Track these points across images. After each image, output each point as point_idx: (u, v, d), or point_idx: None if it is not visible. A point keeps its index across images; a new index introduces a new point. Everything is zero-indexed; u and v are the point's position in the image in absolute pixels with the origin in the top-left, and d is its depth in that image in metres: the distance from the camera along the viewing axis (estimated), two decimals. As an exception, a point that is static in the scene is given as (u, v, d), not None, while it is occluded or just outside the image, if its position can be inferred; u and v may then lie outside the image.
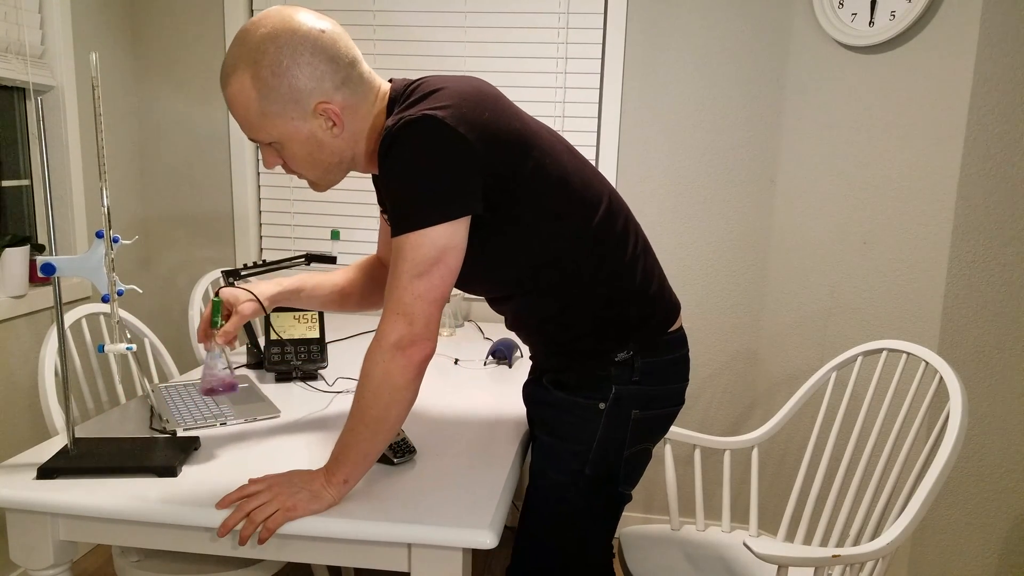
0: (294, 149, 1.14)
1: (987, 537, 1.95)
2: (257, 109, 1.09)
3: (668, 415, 1.32)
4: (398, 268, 1.06)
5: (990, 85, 1.78)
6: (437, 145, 1.03)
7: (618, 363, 1.23)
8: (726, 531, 1.72)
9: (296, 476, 1.11)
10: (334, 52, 1.10)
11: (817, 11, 2.14)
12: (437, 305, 1.07)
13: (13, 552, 1.18)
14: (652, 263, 1.28)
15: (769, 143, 2.37)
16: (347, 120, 1.14)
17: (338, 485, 1.10)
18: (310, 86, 1.09)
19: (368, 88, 1.16)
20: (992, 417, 1.89)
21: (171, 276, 2.73)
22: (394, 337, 1.06)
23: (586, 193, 1.19)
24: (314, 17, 1.11)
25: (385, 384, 1.07)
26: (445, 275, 1.07)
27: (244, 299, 1.32)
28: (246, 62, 1.08)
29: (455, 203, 1.06)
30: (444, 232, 1.05)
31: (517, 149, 1.11)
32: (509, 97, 2.47)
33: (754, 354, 2.49)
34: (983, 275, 1.85)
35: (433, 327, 1.08)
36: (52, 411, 1.55)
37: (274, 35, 1.07)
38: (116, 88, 2.53)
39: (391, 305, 1.07)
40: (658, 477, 2.60)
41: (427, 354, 1.08)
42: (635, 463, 1.30)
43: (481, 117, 1.07)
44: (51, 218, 1.19)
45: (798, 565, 1.22)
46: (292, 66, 1.07)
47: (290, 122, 1.11)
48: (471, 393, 1.70)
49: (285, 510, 1.06)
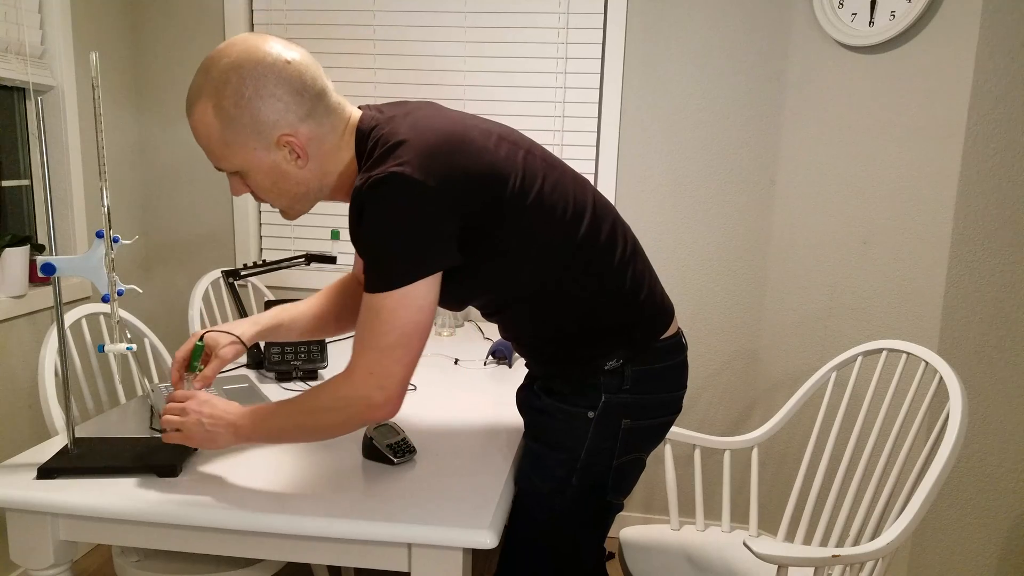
0: (258, 179, 1.14)
1: (987, 537, 1.95)
2: (219, 139, 1.09)
3: (662, 424, 1.29)
4: (376, 328, 1.07)
5: (990, 85, 1.78)
6: (407, 202, 1.03)
7: (608, 371, 1.21)
8: (726, 531, 1.72)
9: (217, 414, 1.15)
10: (299, 84, 1.08)
11: (817, 11, 2.14)
12: (412, 368, 1.10)
13: (13, 552, 1.18)
14: (642, 267, 1.25)
15: (769, 143, 2.37)
16: (312, 152, 1.13)
17: (237, 437, 1.15)
18: (273, 118, 1.08)
19: (337, 119, 1.14)
20: (992, 417, 1.89)
21: (171, 276, 2.73)
22: (368, 398, 1.08)
23: (569, 208, 1.17)
24: (281, 46, 1.09)
25: (336, 425, 1.11)
26: (423, 337, 1.09)
27: (225, 343, 1.32)
28: (208, 92, 1.07)
29: (430, 259, 1.06)
30: (421, 291, 1.06)
31: (490, 186, 1.09)
32: (508, 98, 2.47)
33: (754, 354, 2.49)
34: (983, 275, 1.85)
35: (404, 389, 1.11)
36: (52, 411, 1.54)
37: (238, 65, 1.06)
38: (116, 88, 2.53)
39: (365, 363, 1.08)
40: (658, 477, 2.60)
41: (390, 415, 1.11)
42: (625, 473, 1.27)
43: (448, 164, 1.06)
44: (51, 218, 1.19)
45: (798, 565, 1.22)
46: (255, 97, 1.06)
47: (253, 152, 1.10)
48: (471, 393, 1.70)
49: (186, 437, 1.17)
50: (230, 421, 1.15)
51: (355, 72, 2.53)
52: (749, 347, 2.49)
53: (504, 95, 2.48)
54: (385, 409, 1.09)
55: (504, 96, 2.48)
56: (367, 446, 1.31)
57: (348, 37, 2.51)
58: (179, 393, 1.19)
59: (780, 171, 2.37)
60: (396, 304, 1.05)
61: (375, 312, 1.06)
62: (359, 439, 1.40)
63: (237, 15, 2.53)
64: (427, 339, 1.11)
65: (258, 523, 1.09)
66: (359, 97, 2.54)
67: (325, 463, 1.28)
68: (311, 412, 1.11)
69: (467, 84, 2.48)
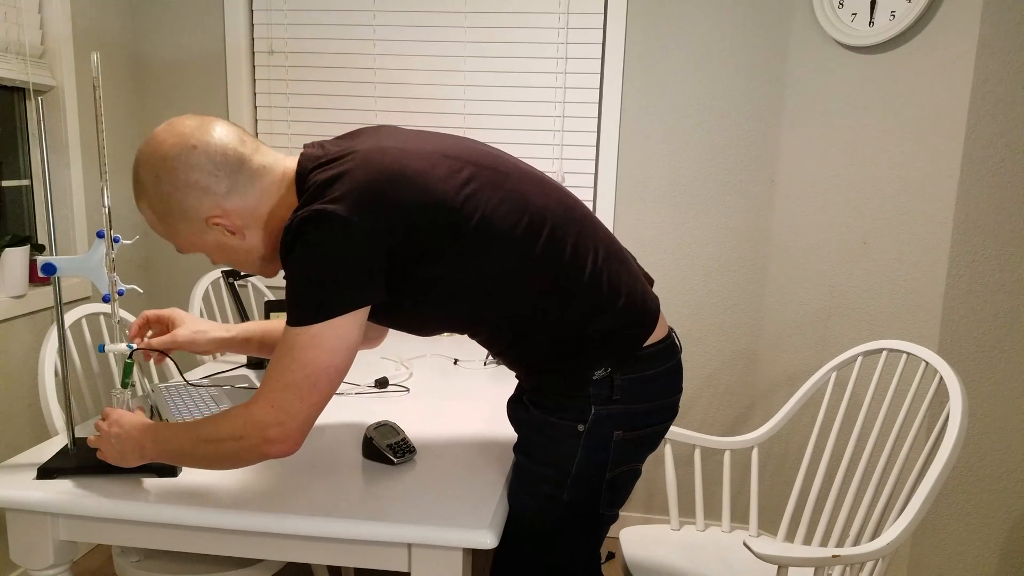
0: (213, 254, 1.18)
1: (987, 537, 1.95)
2: (163, 230, 1.16)
3: (657, 432, 1.24)
4: (285, 364, 1.04)
5: (990, 85, 1.78)
6: (329, 239, 1.02)
7: (596, 381, 1.16)
8: (726, 531, 1.72)
9: (123, 434, 1.14)
10: (210, 166, 1.09)
11: (817, 11, 2.14)
12: (317, 409, 1.06)
13: (13, 552, 1.18)
14: (618, 272, 1.18)
15: (769, 143, 2.37)
16: (247, 222, 1.14)
17: (143, 456, 1.14)
18: (195, 204, 1.11)
19: (267, 180, 1.13)
20: (992, 417, 1.89)
21: (171, 276, 2.73)
22: (264, 432, 1.04)
23: (522, 222, 1.11)
24: (191, 128, 1.10)
25: (230, 456, 1.07)
26: (334, 379, 1.06)
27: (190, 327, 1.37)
28: (139, 193, 1.14)
29: (348, 298, 1.04)
30: (337, 331, 1.04)
31: (424, 215, 1.06)
32: (508, 98, 2.47)
33: (754, 354, 2.49)
34: (983, 275, 1.85)
35: (305, 430, 1.06)
36: (52, 411, 1.55)
37: (151, 166, 1.10)
38: (116, 88, 2.53)
39: (269, 396, 1.04)
40: (658, 477, 2.60)
41: (285, 454, 1.07)
42: (619, 485, 1.23)
43: (377, 198, 1.04)
44: (51, 218, 1.19)
45: (798, 565, 1.22)
46: (173, 191, 1.10)
47: (194, 235, 1.14)
48: (471, 393, 1.70)
49: (103, 455, 1.17)
50: (136, 439, 1.13)
51: (355, 72, 2.53)
52: (749, 347, 2.49)
53: (504, 95, 2.48)
54: (281, 446, 1.05)
55: (504, 96, 2.48)
56: (367, 446, 1.31)
57: (348, 37, 2.51)
58: (105, 410, 1.20)
59: (780, 171, 2.37)
60: (308, 342, 1.03)
61: (288, 347, 1.05)
62: (359, 439, 1.39)
63: (237, 16, 2.53)
64: (340, 381, 1.07)
65: (258, 523, 1.09)
66: (359, 97, 2.54)
67: (325, 463, 1.28)
68: (207, 439, 1.07)
69: (467, 84, 2.48)
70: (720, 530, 1.72)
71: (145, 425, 1.14)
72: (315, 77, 2.55)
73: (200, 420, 1.10)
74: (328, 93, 2.56)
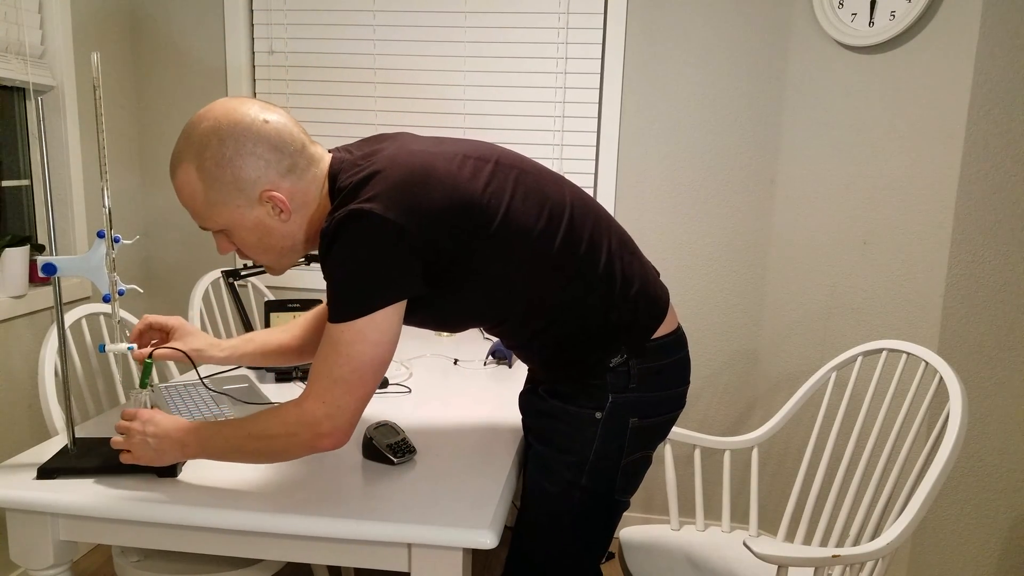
0: (244, 236, 1.17)
1: (987, 537, 1.95)
2: (203, 199, 1.13)
3: (668, 420, 1.30)
4: (332, 359, 1.08)
5: (990, 85, 1.78)
6: (370, 237, 1.05)
7: (613, 369, 1.22)
8: (726, 531, 1.72)
9: (161, 433, 1.14)
10: (278, 141, 1.12)
11: (817, 11, 2.14)
12: (364, 401, 1.11)
13: (13, 552, 1.18)
14: (631, 262, 1.25)
15: (769, 143, 2.37)
16: (296, 205, 1.16)
17: (184, 454, 1.15)
18: (254, 175, 1.11)
19: (317, 170, 1.17)
20: (992, 417, 1.89)
21: (171, 276, 2.73)
22: (316, 426, 1.08)
23: (543, 214, 1.17)
24: (258, 108, 1.13)
25: (281, 451, 1.11)
26: (378, 371, 1.10)
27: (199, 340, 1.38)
28: (190, 154, 1.11)
29: (389, 293, 1.08)
30: (379, 325, 1.07)
31: (456, 216, 1.11)
32: (508, 98, 2.47)
33: (754, 354, 2.49)
34: (983, 275, 1.85)
35: (354, 421, 1.11)
36: (52, 411, 1.55)
37: (217, 127, 1.10)
38: (116, 88, 2.53)
39: (318, 391, 1.09)
40: (658, 477, 2.60)
41: (336, 446, 1.11)
42: (634, 471, 1.28)
43: (413, 199, 1.08)
44: (51, 218, 1.19)
45: (798, 565, 1.22)
46: (235, 156, 1.10)
47: (236, 210, 1.14)
48: (471, 393, 1.70)
49: (135, 456, 1.16)
50: (177, 439, 1.14)
51: (355, 72, 2.53)
52: (749, 347, 2.49)
53: (504, 95, 2.48)
54: (332, 439, 1.09)
55: (504, 96, 2.48)
56: (367, 446, 1.31)
57: (348, 37, 2.51)
58: (126, 411, 1.19)
59: (780, 171, 2.37)
60: (353, 337, 1.07)
61: (333, 343, 1.08)
62: (359, 439, 1.40)
63: (237, 15, 2.53)
64: (383, 372, 1.11)
65: (258, 523, 1.09)
66: (359, 97, 2.54)
67: (325, 463, 1.28)
68: (257, 436, 1.10)
69: (467, 84, 2.48)
70: (720, 530, 1.72)
71: (186, 424, 1.16)
72: (315, 77, 2.55)
73: (246, 418, 1.13)
74: (328, 93, 2.56)
